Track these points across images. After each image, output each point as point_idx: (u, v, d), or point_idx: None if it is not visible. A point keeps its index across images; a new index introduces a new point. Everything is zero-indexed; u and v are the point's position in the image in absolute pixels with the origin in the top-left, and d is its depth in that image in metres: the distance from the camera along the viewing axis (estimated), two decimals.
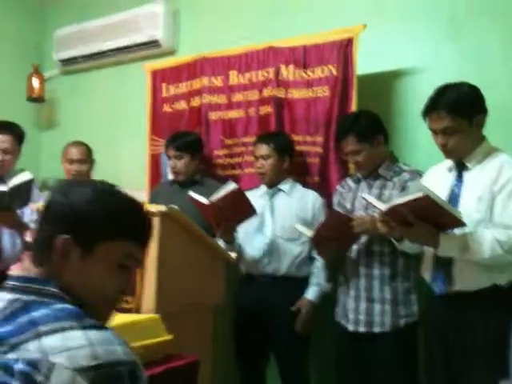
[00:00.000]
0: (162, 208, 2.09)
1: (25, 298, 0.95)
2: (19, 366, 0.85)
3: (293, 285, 2.60)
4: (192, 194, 2.49)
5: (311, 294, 2.59)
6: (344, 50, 2.73)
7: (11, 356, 0.86)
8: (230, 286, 2.58)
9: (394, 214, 1.90)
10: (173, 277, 2.11)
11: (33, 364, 0.84)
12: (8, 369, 0.85)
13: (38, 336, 0.88)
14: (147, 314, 1.97)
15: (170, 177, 3.04)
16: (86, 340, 0.88)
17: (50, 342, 0.87)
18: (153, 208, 2.08)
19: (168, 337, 1.80)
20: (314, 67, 2.83)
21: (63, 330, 0.89)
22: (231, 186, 2.41)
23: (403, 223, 1.90)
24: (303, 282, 2.61)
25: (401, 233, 1.98)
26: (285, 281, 2.61)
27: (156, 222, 2.07)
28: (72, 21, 3.84)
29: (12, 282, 1.00)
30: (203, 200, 2.43)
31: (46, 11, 4.12)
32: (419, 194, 1.79)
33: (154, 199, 2.90)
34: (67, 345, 0.87)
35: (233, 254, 2.46)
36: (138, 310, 2.04)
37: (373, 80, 2.79)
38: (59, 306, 0.94)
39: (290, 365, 2.62)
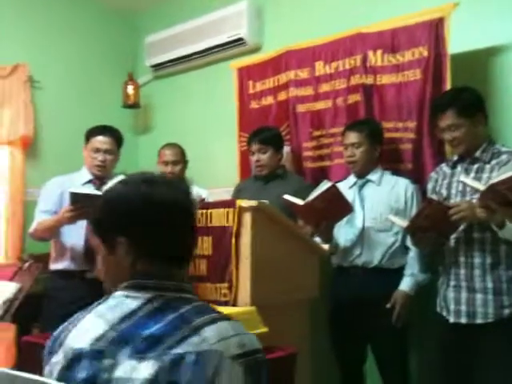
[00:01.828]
0: (253, 203, 2.11)
1: (165, 295, 1.00)
2: (192, 358, 0.90)
3: (387, 276, 2.53)
4: (287, 196, 2.46)
5: (406, 285, 2.51)
6: (435, 30, 2.63)
7: (179, 351, 0.91)
8: (324, 279, 2.56)
9: (492, 194, 1.81)
10: (267, 270, 2.12)
11: (203, 354, 0.90)
12: (178, 361, 0.90)
13: (197, 329, 0.93)
14: (244, 306, 2.00)
15: (253, 173, 3.03)
16: (233, 330, 0.95)
17: (208, 333, 0.93)
18: (244, 203, 2.11)
19: (264, 329, 1.82)
20: (404, 50, 2.76)
21: (213, 321, 0.95)
22: (327, 185, 2.37)
23: (504, 204, 1.79)
24: (398, 273, 2.54)
25: (501, 214, 1.87)
26: (378, 272, 2.55)
27: (248, 217, 2.10)
28: (161, 27, 3.99)
29: (143, 281, 1.02)
30: (298, 201, 2.42)
31: (136, 19, 4.31)
32: None
33: (236, 196, 2.94)
34: (222, 335, 0.93)
35: (326, 247, 2.44)
36: (234, 303, 2.08)
37: (466, 59, 2.66)
38: (196, 302, 1.01)
39: (388, 358, 2.56)
